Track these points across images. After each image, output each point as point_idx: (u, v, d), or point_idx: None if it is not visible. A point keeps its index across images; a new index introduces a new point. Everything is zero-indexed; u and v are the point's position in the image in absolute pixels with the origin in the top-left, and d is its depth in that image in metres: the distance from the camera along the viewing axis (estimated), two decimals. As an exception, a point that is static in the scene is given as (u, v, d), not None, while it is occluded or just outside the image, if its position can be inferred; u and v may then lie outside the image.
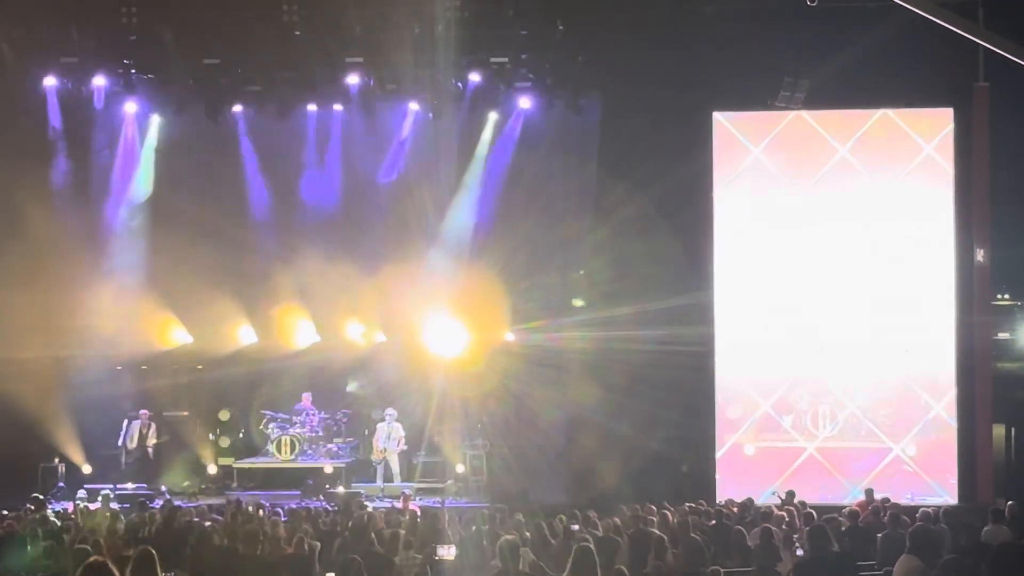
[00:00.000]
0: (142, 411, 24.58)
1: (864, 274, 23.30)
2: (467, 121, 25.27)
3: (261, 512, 18.25)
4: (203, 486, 24.26)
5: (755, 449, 23.35)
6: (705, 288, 23.37)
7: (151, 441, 24.28)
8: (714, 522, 16.83)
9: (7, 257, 23.92)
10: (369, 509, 18.30)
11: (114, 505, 19.55)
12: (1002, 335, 24.40)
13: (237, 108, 25.44)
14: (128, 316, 26.28)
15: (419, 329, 26.06)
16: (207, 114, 24.48)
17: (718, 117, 23.55)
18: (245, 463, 25.28)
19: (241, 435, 26.01)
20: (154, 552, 9.01)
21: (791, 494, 19.55)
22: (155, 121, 26.12)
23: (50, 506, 20.09)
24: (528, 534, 15.07)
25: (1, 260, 23.98)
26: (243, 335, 27.01)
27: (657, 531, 15.64)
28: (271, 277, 26.83)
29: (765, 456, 23.33)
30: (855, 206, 23.35)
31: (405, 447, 24.52)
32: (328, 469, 24.17)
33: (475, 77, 23.32)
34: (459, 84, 23.56)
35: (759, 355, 23.45)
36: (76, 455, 24.58)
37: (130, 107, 25.58)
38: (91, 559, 7.95)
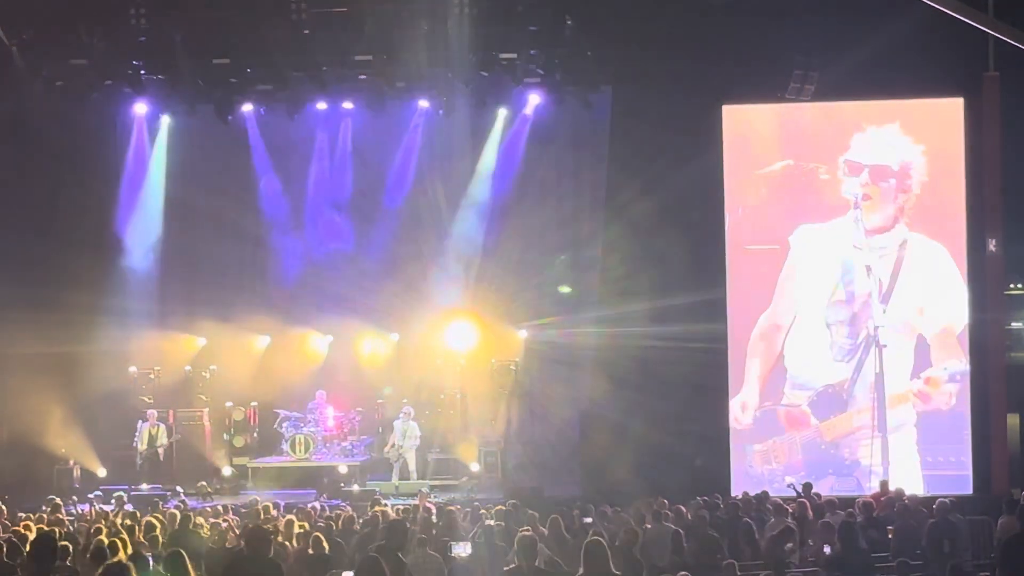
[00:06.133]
0: (149, 411, 24.57)
1: (875, 266, 23.27)
2: (477, 118, 25.27)
3: (276, 512, 18.26)
4: (218, 486, 24.27)
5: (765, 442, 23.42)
6: (718, 282, 23.32)
7: (161, 442, 24.29)
8: (728, 516, 16.82)
9: (16, 255, 24.01)
10: (385, 506, 18.32)
11: (128, 506, 19.55)
12: (1015, 325, 24.31)
13: (247, 107, 25.45)
14: (141, 315, 26.30)
15: (432, 326, 26.07)
16: (217, 114, 24.44)
17: (728, 110, 23.52)
18: (260, 462, 25.31)
19: (255, 434, 26.01)
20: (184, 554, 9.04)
21: (808, 486, 19.51)
22: (165, 122, 26.17)
23: (65, 508, 20.10)
24: (543, 529, 15.08)
25: (10, 258, 24.07)
26: (257, 332, 27.02)
27: (672, 525, 15.65)
28: (283, 274, 26.89)
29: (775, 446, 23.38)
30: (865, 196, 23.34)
31: (419, 443, 24.49)
32: (343, 468, 24.18)
33: (485, 74, 23.28)
34: (469, 81, 23.52)
35: (771, 348, 23.46)
36: (90, 457, 24.62)
37: (140, 108, 25.61)
38: (109, 561, 7.98)
